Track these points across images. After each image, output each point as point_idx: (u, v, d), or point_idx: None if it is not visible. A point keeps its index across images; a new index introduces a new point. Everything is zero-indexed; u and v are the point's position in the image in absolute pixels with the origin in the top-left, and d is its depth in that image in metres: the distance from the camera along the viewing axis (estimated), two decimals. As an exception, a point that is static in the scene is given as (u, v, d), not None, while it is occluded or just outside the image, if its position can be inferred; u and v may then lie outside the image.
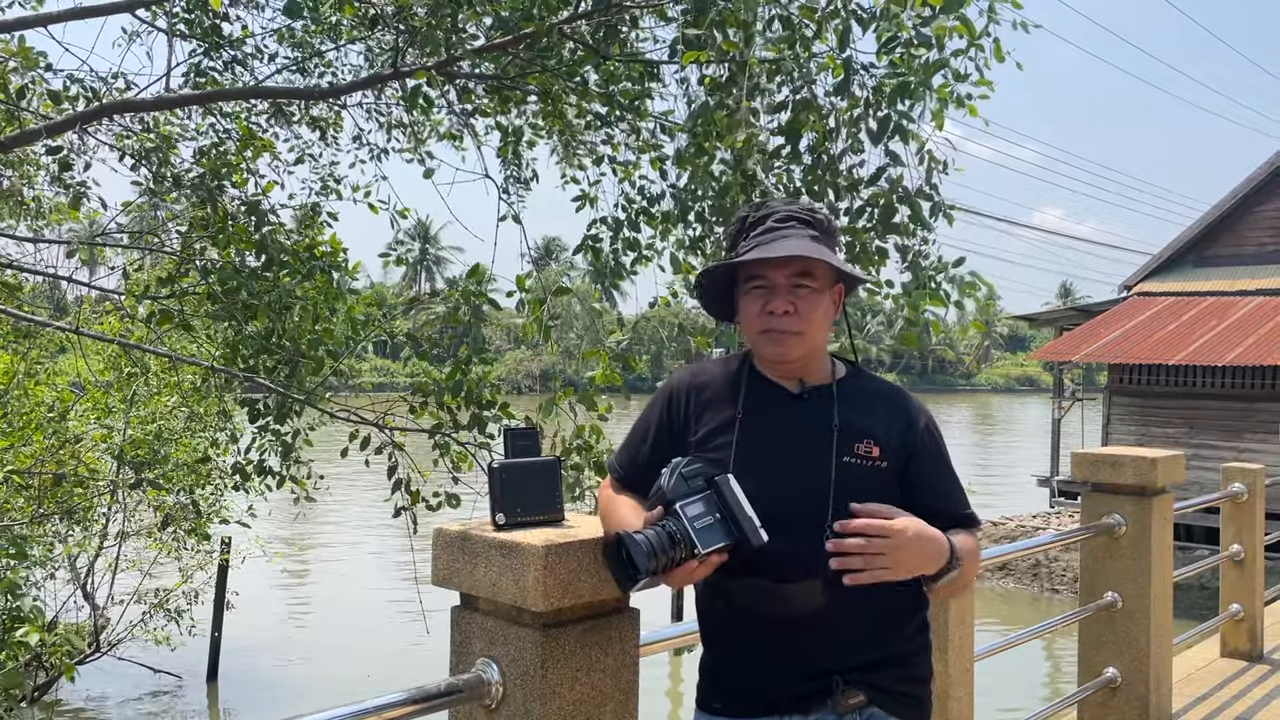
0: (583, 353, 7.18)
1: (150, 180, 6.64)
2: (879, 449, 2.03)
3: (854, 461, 2.01)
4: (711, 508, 1.86)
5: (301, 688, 12.18)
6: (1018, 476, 22.98)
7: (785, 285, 2.03)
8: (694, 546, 1.83)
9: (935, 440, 2.13)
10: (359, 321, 6.64)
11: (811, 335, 2.06)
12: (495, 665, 2.02)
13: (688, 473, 1.91)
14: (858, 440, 2.03)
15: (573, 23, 5.89)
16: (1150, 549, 4.41)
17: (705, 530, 1.84)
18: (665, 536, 1.82)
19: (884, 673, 2.01)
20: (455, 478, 6.00)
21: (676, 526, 1.83)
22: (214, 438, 10.01)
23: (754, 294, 2.06)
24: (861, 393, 2.11)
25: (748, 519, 1.85)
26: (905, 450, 2.06)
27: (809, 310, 2.04)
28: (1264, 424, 18.86)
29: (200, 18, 6.73)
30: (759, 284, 2.05)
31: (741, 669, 2.06)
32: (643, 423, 2.18)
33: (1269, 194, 21.09)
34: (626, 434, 2.24)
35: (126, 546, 11.12)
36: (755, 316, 2.06)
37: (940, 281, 5.12)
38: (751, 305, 2.07)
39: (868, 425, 2.05)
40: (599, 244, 6.07)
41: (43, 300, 11.90)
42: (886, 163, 5.11)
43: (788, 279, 2.03)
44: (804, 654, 1.98)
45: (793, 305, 2.02)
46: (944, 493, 2.09)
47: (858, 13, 5.09)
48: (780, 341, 2.04)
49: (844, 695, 1.97)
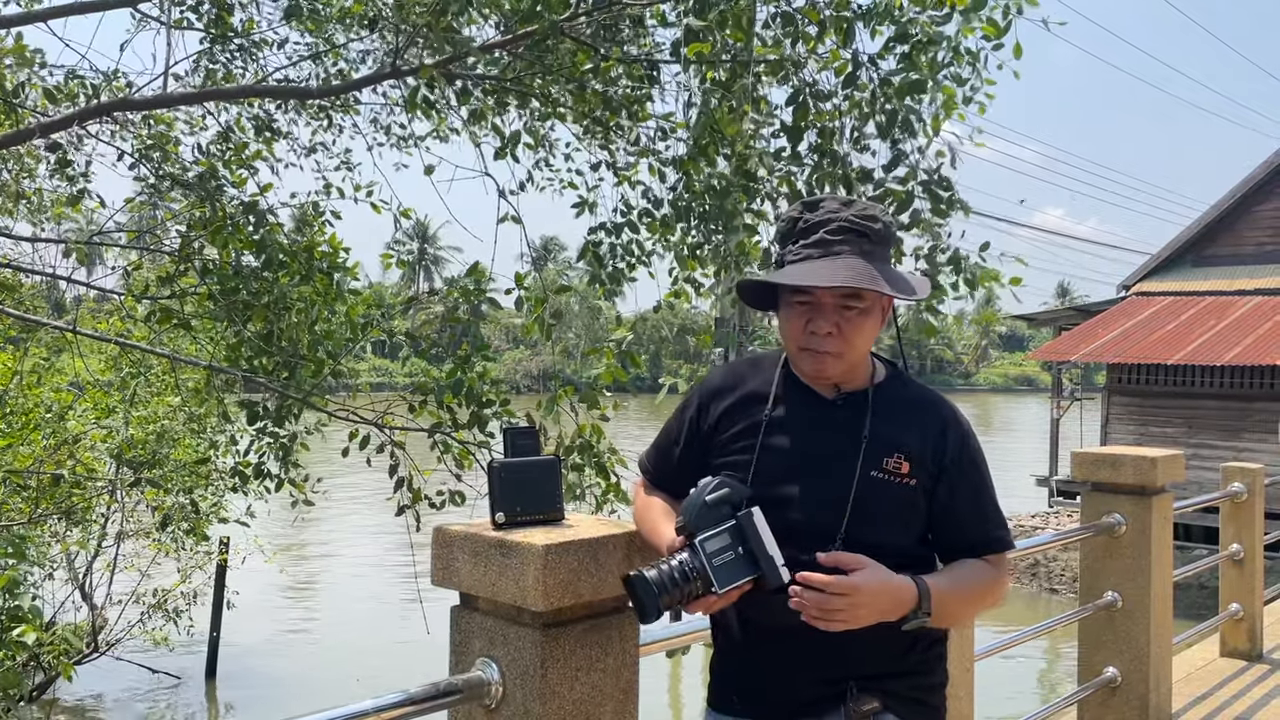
0: (583, 351, 7.12)
1: (150, 179, 6.63)
2: (909, 464, 1.96)
3: (881, 476, 1.94)
4: (735, 542, 1.81)
5: (300, 688, 12.17)
6: (1016, 476, 22.97)
7: (832, 305, 1.94)
8: (710, 585, 1.80)
9: (971, 458, 2.03)
10: (358, 323, 6.62)
11: (851, 355, 1.98)
12: (495, 665, 2.01)
13: (713, 500, 1.84)
14: (888, 454, 1.96)
15: (573, 21, 5.88)
16: (1150, 548, 4.41)
17: (724, 568, 1.80)
18: (679, 573, 1.79)
19: (898, 680, 1.98)
20: (458, 475, 5.99)
21: (694, 562, 1.80)
22: (214, 439, 10.00)
23: (797, 309, 1.97)
24: (899, 401, 2.03)
25: (769, 559, 1.80)
26: (936, 467, 1.98)
27: (853, 333, 1.95)
28: (1262, 423, 18.86)
29: (206, 9, 6.70)
30: (804, 299, 1.95)
31: (754, 673, 2.03)
32: (675, 422, 2.15)
33: (1268, 194, 21.10)
34: (658, 432, 2.21)
35: (125, 546, 11.12)
36: (797, 332, 1.97)
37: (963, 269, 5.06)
38: (794, 320, 1.97)
39: (900, 438, 1.97)
40: (599, 247, 6.06)
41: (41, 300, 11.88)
42: (896, 155, 5.07)
43: (835, 299, 1.94)
44: (817, 660, 1.95)
45: (837, 327, 1.94)
46: (969, 521, 2.02)
47: (862, 8, 5.08)
48: (820, 361, 1.97)
49: (858, 702, 1.94)
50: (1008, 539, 2.05)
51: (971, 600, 2.00)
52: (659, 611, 1.80)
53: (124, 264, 7.55)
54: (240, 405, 6.71)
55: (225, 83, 6.92)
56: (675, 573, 1.78)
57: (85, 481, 9.10)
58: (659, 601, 1.77)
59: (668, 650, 3.19)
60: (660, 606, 1.79)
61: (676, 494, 2.02)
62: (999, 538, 2.03)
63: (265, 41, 7.15)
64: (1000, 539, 2.03)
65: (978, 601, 2.02)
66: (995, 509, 2.06)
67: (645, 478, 2.19)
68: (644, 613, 1.79)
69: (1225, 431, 19.34)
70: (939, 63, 4.82)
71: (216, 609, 12.47)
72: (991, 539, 2.03)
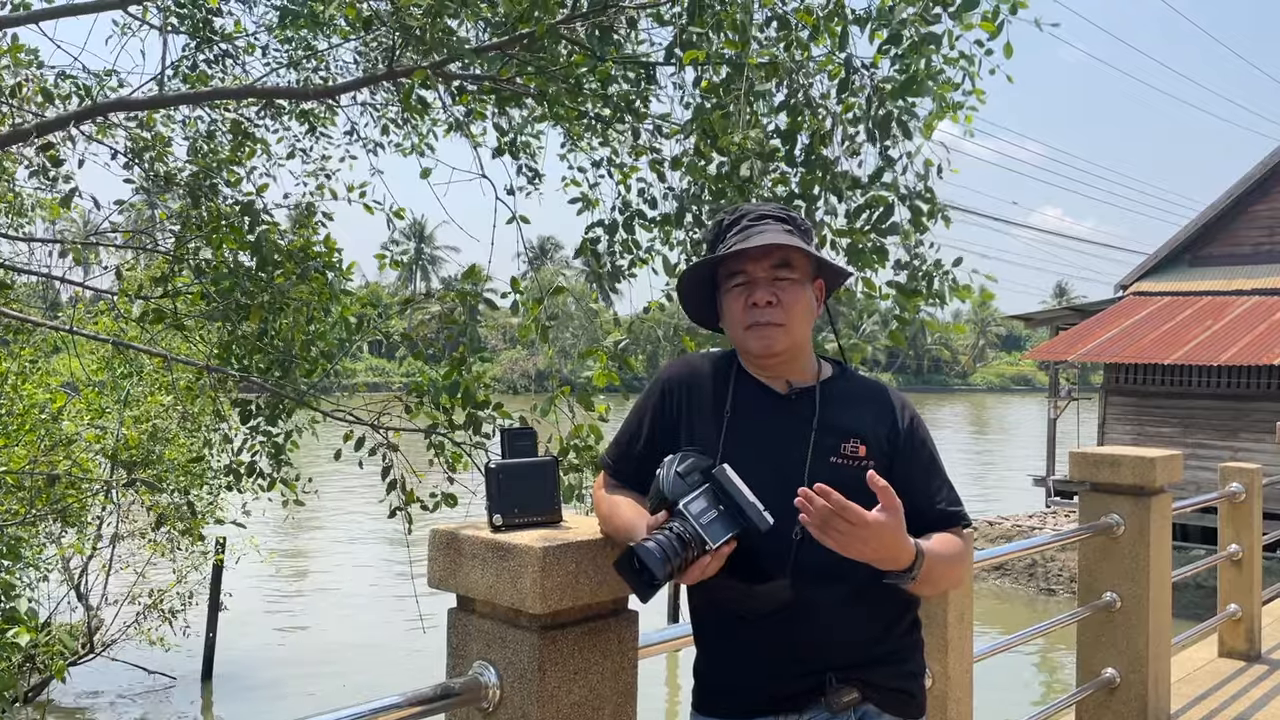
0: (579, 352, 7.13)
1: (143, 179, 6.61)
2: (865, 448, 2.03)
3: (840, 462, 2.01)
4: (714, 500, 1.86)
5: (297, 688, 12.15)
6: (1013, 476, 22.98)
7: (766, 278, 2.05)
8: (705, 544, 1.83)
9: (921, 437, 2.12)
10: (353, 323, 6.61)
11: (794, 327, 2.06)
12: (492, 668, 2.00)
13: (683, 469, 1.91)
14: (844, 440, 2.03)
15: (569, 23, 5.87)
16: (1149, 549, 4.40)
17: (712, 525, 1.84)
18: (675, 540, 1.81)
19: (877, 670, 2.01)
20: (450, 478, 5.98)
21: (684, 527, 1.83)
22: (208, 438, 9.98)
23: (736, 291, 2.08)
24: (848, 392, 2.12)
25: (750, 505, 1.85)
26: (891, 448, 2.06)
27: (791, 301, 2.05)
28: (1259, 423, 18.87)
29: (192, 12, 6.70)
30: (740, 280, 2.07)
31: (733, 669, 2.05)
32: (635, 417, 2.18)
33: (1264, 193, 21.11)
34: (619, 429, 2.24)
35: (120, 547, 11.08)
36: (739, 313, 2.07)
37: (935, 280, 5.14)
38: (735, 302, 2.08)
39: (854, 424, 2.06)
40: (597, 245, 6.06)
41: (36, 300, 11.83)
42: (882, 165, 5.13)
43: (767, 271, 2.05)
44: (796, 653, 1.98)
45: (774, 296, 2.04)
46: (929, 492, 2.08)
47: (856, 13, 5.10)
48: (765, 335, 2.04)
49: (837, 693, 1.97)
50: (965, 515, 2.13)
51: (949, 572, 2.04)
52: (661, 581, 1.79)
53: (116, 264, 7.52)
54: (233, 404, 6.69)
55: (203, 86, 6.91)
56: (674, 540, 1.81)
57: (79, 482, 9.07)
58: (664, 569, 1.78)
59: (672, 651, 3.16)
60: (664, 576, 1.79)
61: (641, 488, 2.05)
62: (956, 513, 2.10)
63: (251, 46, 7.15)
64: (958, 514, 2.11)
65: (953, 572, 2.06)
66: (950, 487, 2.13)
67: (608, 473, 2.20)
68: (646, 582, 1.79)
69: (1222, 431, 19.35)
70: (932, 67, 4.84)
71: (212, 610, 12.44)
72: (951, 514, 2.09)
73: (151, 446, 9.78)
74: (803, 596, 1.93)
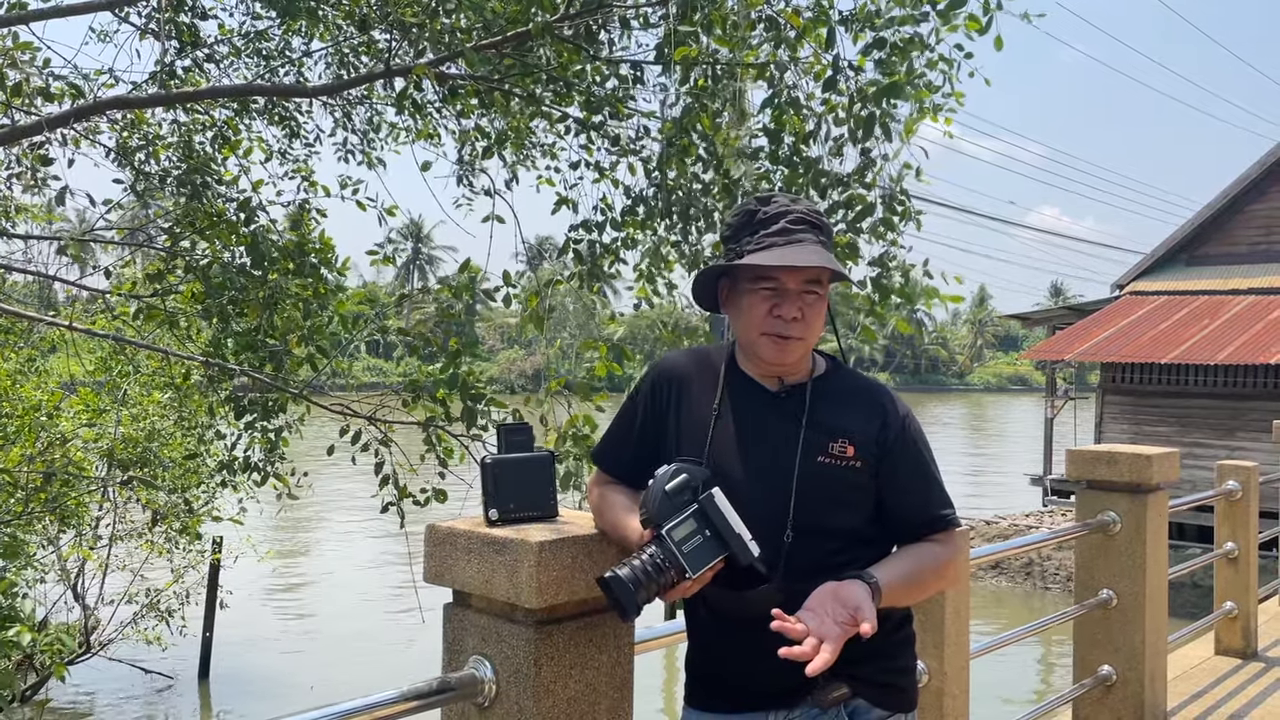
0: (578, 345, 7.17)
1: (134, 178, 6.61)
2: (854, 448, 2.00)
3: (828, 462, 1.99)
4: (700, 526, 1.83)
5: (294, 687, 12.14)
6: (1010, 476, 23.00)
7: (796, 290, 2.00)
8: (685, 571, 1.81)
9: (912, 438, 2.08)
10: (349, 319, 6.61)
11: (811, 340, 2.05)
12: (488, 663, 2.00)
13: (672, 489, 1.87)
14: (833, 439, 2.00)
15: (560, 24, 5.88)
16: (1145, 546, 4.40)
17: (694, 552, 1.81)
18: (652, 566, 1.80)
19: (867, 665, 2.00)
20: (441, 473, 5.99)
21: (663, 553, 1.81)
22: (202, 435, 9.97)
23: (762, 294, 2.01)
24: (839, 390, 2.09)
25: (736, 537, 1.82)
26: (880, 449, 2.03)
27: (814, 316, 2.02)
28: (1256, 423, 18.88)
29: (174, 17, 6.70)
30: (769, 286, 2.01)
31: (724, 665, 2.06)
32: (627, 413, 2.17)
33: (1261, 193, 21.12)
34: (610, 423, 2.23)
35: (117, 546, 11.07)
36: (760, 317, 2.01)
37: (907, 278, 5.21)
38: (758, 305, 2.02)
39: (844, 423, 2.03)
40: (579, 244, 6.14)
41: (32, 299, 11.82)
42: (862, 163, 5.19)
43: (799, 285, 2.00)
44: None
45: (800, 312, 2.00)
46: (914, 498, 2.06)
47: (842, 13, 5.15)
48: (785, 347, 2.01)
49: (827, 689, 1.97)
50: (953, 517, 2.11)
51: (922, 585, 2.03)
52: (638, 608, 1.80)
53: (109, 262, 7.52)
54: (228, 400, 6.69)
55: (189, 87, 6.90)
56: (648, 566, 1.79)
57: (75, 481, 9.06)
58: (636, 598, 1.78)
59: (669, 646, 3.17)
60: (639, 603, 1.79)
61: (634, 483, 2.04)
62: (944, 516, 2.08)
63: (236, 50, 7.16)
64: (945, 517, 2.09)
65: (930, 584, 2.06)
66: (940, 488, 2.11)
67: (601, 469, 2.19)
68: (624, 611, 1.79)
69: (1219, 431, 19.37)
70: (914, 70, 4.88)
71: (209, 609, 12.42)
72: (937, 517, 2.07)
73: (149, 445, 9.78)
74: (794, 595, 1.92)
